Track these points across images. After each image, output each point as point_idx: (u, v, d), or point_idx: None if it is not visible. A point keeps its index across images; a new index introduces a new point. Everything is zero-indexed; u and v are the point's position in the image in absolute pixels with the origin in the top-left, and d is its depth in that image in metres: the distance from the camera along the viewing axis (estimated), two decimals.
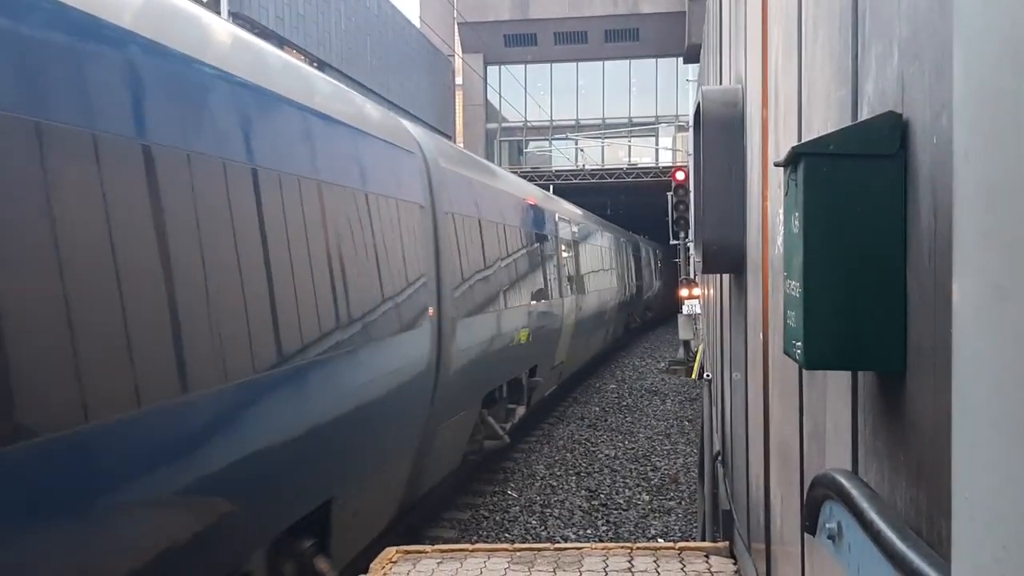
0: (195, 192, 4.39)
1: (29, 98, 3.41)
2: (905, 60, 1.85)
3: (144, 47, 4.21)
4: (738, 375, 5.81)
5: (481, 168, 12.16)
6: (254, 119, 5.15)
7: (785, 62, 3.57)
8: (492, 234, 11.11)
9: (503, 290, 11.43)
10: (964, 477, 0.74)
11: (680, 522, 10.28)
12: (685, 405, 18.07)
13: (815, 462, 2.88)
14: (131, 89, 4.09)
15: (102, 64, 3.92)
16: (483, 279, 10.35)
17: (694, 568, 5.84)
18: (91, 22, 3.88)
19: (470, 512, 10.70)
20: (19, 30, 3.45)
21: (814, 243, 1.95)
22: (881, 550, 1.67)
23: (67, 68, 3.67)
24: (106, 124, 3.83)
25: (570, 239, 17.64)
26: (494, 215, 11.43)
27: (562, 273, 16.04)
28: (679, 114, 43.63)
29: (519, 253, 12.74)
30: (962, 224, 0.74)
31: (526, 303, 12.78)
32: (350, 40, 30.05)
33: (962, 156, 0.74)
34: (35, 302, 3.36)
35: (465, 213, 9.91)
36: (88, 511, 3.63)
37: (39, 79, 3.49)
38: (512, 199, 13.13)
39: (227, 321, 4.58)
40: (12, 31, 3.41)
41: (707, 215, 5.50)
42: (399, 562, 6.18)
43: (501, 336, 11.20)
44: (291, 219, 5.41)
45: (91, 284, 3.64)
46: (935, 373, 1.66)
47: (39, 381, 3.33)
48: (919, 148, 1.79)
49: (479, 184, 11.10)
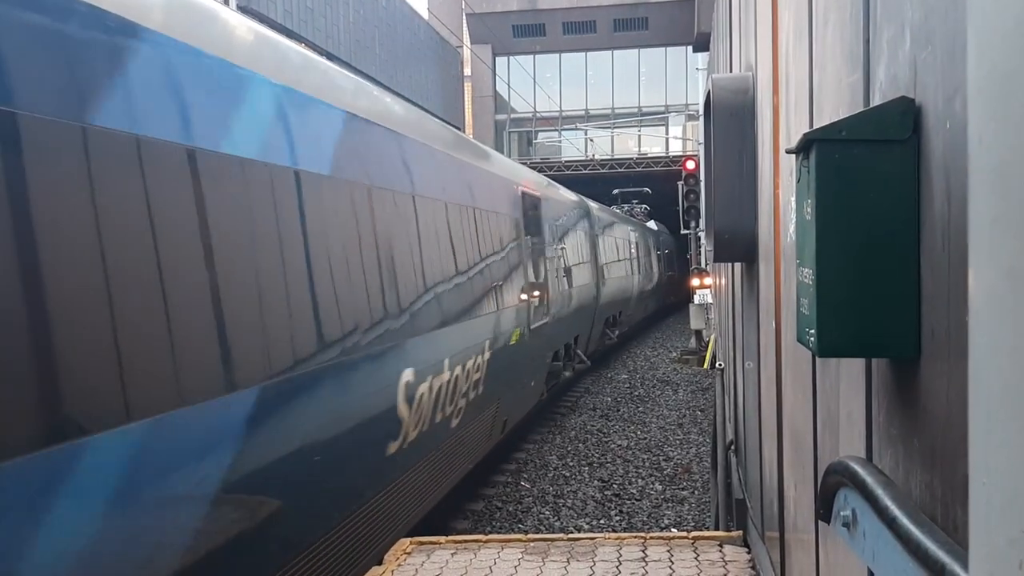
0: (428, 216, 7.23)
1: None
2: (917, 45, 1.84)
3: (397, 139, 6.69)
4: (751, 364, 5.79)
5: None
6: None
7: (796, 48, 3.55)
8: (620, 238, 21.49)
9: (622, 267, 23.29)
10: (980, 461, 0.73)
11: (693, 512, 10.28)
12: (697, 395, 18.05)
13: (829, 450, 2.88)
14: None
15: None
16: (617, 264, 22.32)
17: (708, 557, 5.84)
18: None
19: (483, 503, 10.73)
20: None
21: (826, 230, 1.94)
22: (896, 537, 1.66)
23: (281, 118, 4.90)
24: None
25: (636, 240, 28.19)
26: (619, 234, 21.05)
27: (636, 263, 27.61)
28: (689, 103, 43.42)
29: (630, 250, 25.89)
30: (977, 208, 0.74)
31: (625, 275, 24.29)
32: (358, 32, 30.02)
33: (976, 140, 0.73)
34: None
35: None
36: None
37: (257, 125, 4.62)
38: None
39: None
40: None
41: (718, 204, 5.48)
42: (413, 553, 6.21)
43: (616, 292, 21.83)
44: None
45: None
46: (949, 359, 1.66)
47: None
48: (932, 133, 1.78)
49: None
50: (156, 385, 3.44)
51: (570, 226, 15.93)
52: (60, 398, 2.99)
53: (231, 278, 4.00)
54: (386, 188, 6.15)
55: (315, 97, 5.31)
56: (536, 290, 11.63)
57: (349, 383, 5.25)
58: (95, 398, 3.14)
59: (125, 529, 3.33)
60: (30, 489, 2.86)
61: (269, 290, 4.36)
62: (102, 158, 3.27)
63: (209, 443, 3.81)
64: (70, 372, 3.02)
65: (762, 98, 4.94)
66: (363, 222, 5.68)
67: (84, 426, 3.06)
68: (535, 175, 14.25)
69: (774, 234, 4.19)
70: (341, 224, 5.31)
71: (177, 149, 3.70)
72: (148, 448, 3.38)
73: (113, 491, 3.23)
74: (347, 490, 5.45)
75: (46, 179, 3.00)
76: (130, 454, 3.29)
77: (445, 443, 7.46)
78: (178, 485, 3.65)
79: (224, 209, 3.99)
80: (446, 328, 7.22)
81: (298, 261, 4.69)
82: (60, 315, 3.01)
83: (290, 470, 4.56)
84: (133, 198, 3.41)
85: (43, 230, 2.98)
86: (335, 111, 5.59)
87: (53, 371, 2.95)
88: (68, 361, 3.01)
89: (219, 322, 3.86)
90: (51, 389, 2.95)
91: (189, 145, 3.78)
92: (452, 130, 9.66)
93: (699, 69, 32.98)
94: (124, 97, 3.45)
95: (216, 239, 3.87)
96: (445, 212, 7.55)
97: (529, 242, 11.43)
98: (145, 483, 3.41)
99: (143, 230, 3.43)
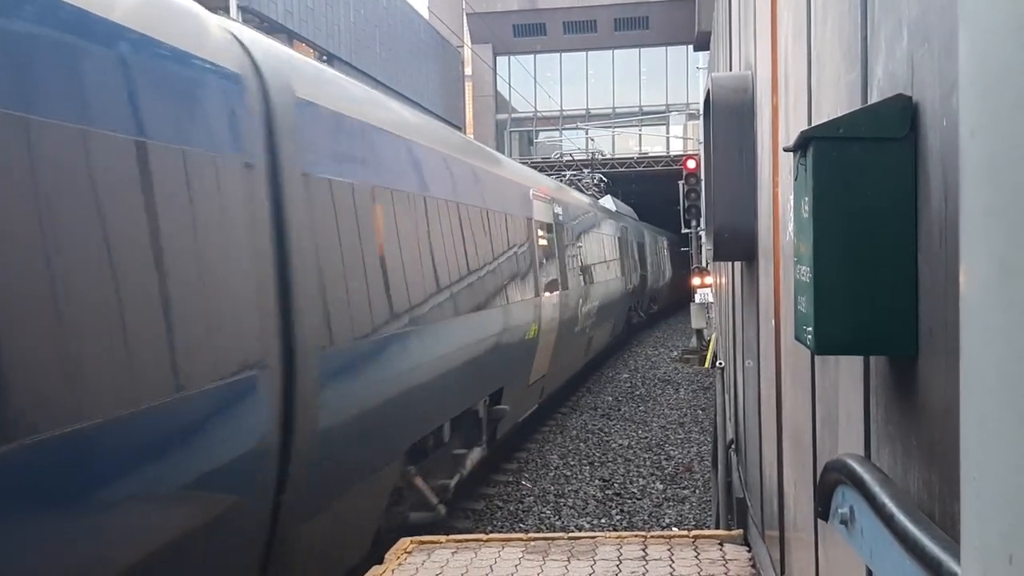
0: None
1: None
2: (915, 42, 1.84)
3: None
4: (751, 363, 5.79)
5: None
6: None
7: (795, 46, 3.55)
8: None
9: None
10: (971, 455, 0.73)
11: (694, 511, 10.28)
12: (698, 394, 18.05)
13: (828, 448, 2.88)
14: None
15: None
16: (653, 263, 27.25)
17: (708, 556, 5.84)
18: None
19: (484, 502, 10.73)
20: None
21: (824, 227, 1.94)
22: (894, 533, 1.66)
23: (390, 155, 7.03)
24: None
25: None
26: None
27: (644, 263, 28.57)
28: (689, 102, 43.41)
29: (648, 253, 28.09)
30: (969, 199, 0.74)
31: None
32: (359, 32, 30.03)
33: (968, 132, 0.73)
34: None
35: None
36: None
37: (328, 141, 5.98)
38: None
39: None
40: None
41: (718, 202, 5.48)
42: (414, 552, 6.21)
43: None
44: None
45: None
46: (947, 356, 1.66)
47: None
48: (929, 131, 1.78)
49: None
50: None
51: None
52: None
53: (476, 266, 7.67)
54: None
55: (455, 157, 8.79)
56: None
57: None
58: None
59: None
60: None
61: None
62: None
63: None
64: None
65: (761, 97, 4.94)
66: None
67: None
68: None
69: (773, 232, 4.19)
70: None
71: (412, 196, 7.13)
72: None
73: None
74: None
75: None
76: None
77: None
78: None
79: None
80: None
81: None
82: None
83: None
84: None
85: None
86: (467, 165, 9.39)
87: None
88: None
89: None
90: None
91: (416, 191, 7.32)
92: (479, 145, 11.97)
93: (700, 68, 32.99)
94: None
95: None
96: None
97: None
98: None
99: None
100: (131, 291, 3.72)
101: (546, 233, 13.06)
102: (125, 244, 3.70)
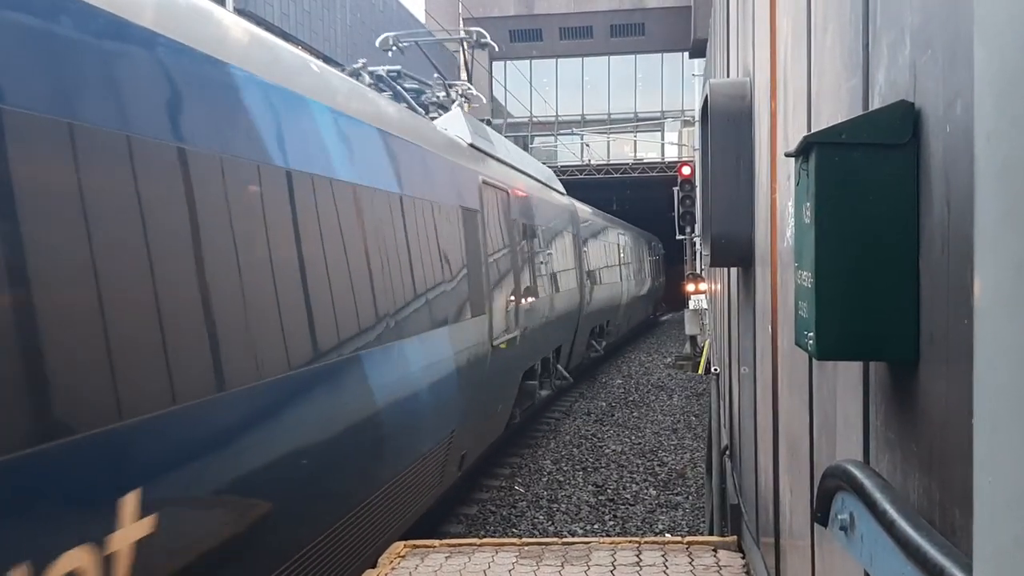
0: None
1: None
2: (917, 49, 1.84)
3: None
4: (746, 369, 5.80)
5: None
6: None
7: (794, 53, 3.56)
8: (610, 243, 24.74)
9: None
10: (985, 459, 0.73)
11: (688, 517, 10.27)
12: (692, 400, 18.05)
13: (825, 454, 2.88)
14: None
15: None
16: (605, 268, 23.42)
17: (702, 562, 5.84)
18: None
19: (477, 507, 10.71)
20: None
21: (826, 233, 1.94)
22: (894, 540, 1.66)
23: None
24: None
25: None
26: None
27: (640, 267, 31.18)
28: (685, 109, 43.51)
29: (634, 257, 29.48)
30: (984, 204, 0.73)
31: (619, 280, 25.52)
32: (355, 36, 30.05)
33: (984, 137, 0.73)
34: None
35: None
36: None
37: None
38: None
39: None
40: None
41: (715, 208, 5.49)
42: (407, 556, 6.20)
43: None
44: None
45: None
46: (948, 362, 1.66)
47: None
48: (932, 137, 1.79)
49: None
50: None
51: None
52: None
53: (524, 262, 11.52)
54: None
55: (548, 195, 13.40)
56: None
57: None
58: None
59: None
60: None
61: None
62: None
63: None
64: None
65: (759, 103, 4.95)
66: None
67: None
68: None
69: (771, 239, 4.20)
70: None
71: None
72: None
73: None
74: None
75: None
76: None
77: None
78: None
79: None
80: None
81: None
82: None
83: None
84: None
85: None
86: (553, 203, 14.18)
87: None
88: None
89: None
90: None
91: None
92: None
93: (695, 75, 33.05)
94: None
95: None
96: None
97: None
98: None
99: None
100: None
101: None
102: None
